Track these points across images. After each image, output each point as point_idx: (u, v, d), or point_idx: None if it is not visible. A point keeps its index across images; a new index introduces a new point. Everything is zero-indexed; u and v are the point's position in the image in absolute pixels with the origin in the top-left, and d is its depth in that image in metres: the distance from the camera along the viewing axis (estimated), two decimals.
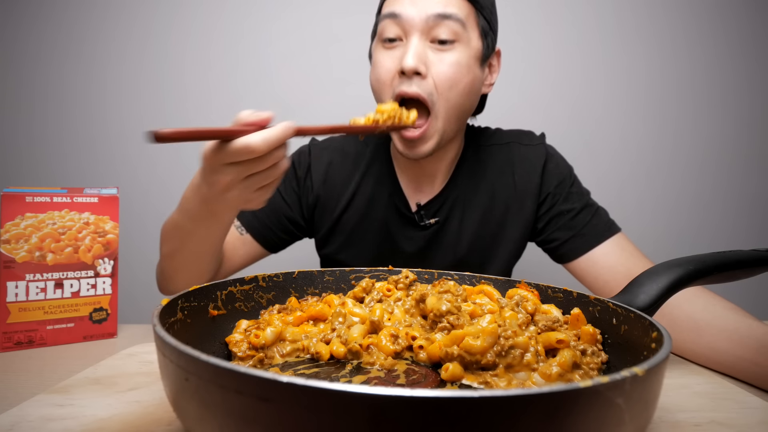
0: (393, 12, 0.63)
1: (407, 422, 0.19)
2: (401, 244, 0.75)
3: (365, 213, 0.76)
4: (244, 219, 0.74)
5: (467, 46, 0.64)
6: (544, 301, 0.46)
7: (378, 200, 0.75)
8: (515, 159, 0.75)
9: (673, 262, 0.42)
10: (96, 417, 0.33)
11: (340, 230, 0.77)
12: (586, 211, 0.72)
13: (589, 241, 0.69)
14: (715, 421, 0.35)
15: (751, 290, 1.23)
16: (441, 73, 0.63)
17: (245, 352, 0.38)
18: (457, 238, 0.74)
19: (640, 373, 0.22)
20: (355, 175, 0.77)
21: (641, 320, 0.34)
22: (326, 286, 0.51)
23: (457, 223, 0.74)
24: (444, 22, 0.62)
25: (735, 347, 0.51)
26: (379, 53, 0.66)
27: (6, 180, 1.26)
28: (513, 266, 0.78)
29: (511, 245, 0.75)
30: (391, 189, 0.75)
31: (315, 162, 0.78)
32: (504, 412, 0.19)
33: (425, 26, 0.62)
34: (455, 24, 0.62)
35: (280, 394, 0.20)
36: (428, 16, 0.62)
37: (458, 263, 0.74)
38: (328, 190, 0.77)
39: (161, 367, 0.27)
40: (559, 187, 0.73)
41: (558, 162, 0.76)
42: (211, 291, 0.41)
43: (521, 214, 0.74)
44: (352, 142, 0.79)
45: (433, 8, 0.62)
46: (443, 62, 0.63)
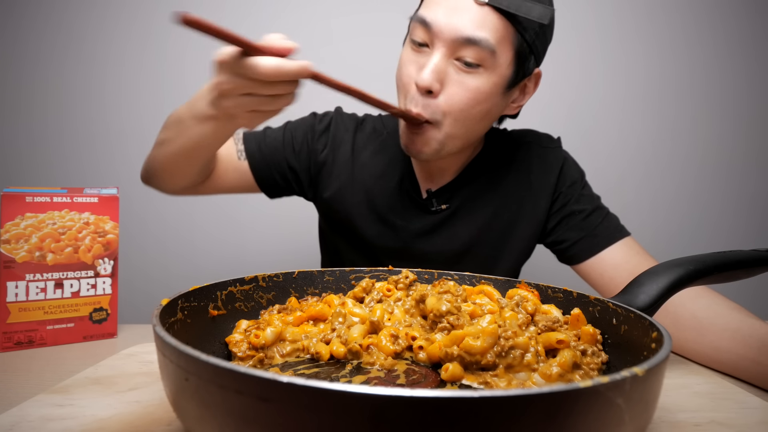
0: (425, 19, 0.59)
1: (407, 422, 0.19)
2: (408, 224, 0.74)
3: (372, 188, 0.75)
4: (248, 146, 0.74)
5: (493, 73, 0.60)
6: (544, 301, 0.46)
7: (388, 179, 0.75)
8: (533, 159, 0.75)
9: (673, 262, 0.43)
10: (96, 417, 0.33)
11: (343, 198, 0.76)
12: (597, 213, 0.72)
13: (600, 242, 0.69)
14: (715, 421, 0.35)
15: (751, 290, 1.23)
16: (455, 95, 0.59)
17: (245, 352, 0.38)
18: (466, 227, 0.74)
19: (640, 373, 0.22)
20: (368, 149, 0.77)
21: (641, 320, 0.34)
22: (326, 286, 0.51)
23: (467, 213, 0.74)
24: (472, 46, 0.57)
25: (737, 346, 0.51)
26: (406, 52, 0.64)
27: (6, 180, 1.26)
28: (522, 265, 0.78)
29: (522, 243, 0.75)
30: (403, 172, 0.75)
31: (335, 125, 0.78)
32: (504, 412, 0.19)
33: (452, 45, 0.58)
34: (483, 51, 0.57)
35: (280, 394, 0.20)
36: (457, 37, 0.57)
37: (466, 252, 0.74)
38: (341, 156, 0.76)
39: (161, 367, 0.27)
40: (572, 188, 0.74)
41: (572, 165, 0.76)
42: (211, 291, 0.41)
43: (534, 213, 0.74)
44: (370, 121, 0.80)
45: (463, 30, 0.57)
46: (462, 85, 0.59)
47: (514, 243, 0.74)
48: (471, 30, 0.57)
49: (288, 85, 0.45)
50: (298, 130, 0.77)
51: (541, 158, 0.75)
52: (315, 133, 0.77)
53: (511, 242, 0.74)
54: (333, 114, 0.79)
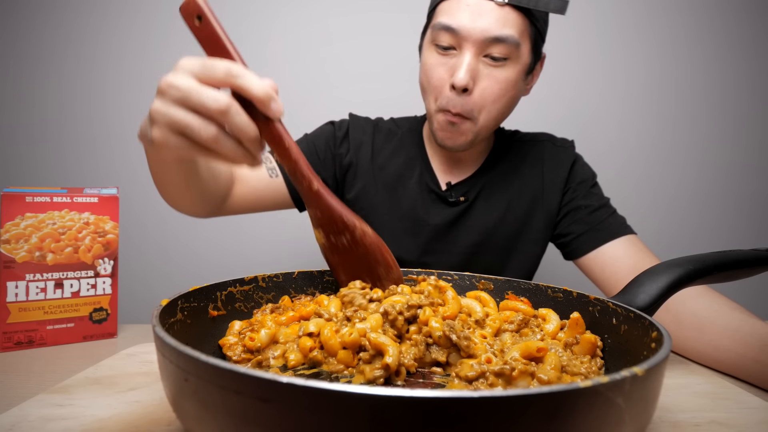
0: (450, 26, 0.64)
1: (407, 422, 0.19)
2: (428, 217, 0.77)
3: (393, 185, 0.78)
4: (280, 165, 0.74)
5: (517, 63, 0.66)
6: (544, 302, 0.46)
7: (408, 176, 0.78)
8: (546, 155, 0.79)
9: (673, 262, 0.42)
10: (96, 417, 0.33)
11: (366, 197, 0.79)
12: (604, 210, 0.75)
13: (602, 236, 0.71)
14: (715, 421, 0.35)
15: (751, 290, 1.23)
16: (488, 88, 0.65)
17: (240, 355, 0.37)
18: (483, 219, 0.77)
19: (639, 373, 0.22)
20: (387, 149, 0.80)
21: (641, 320, 0.34)
22: (326, 286, 0.51)
23: (484, 205, 0.77)
24: (499, 43, 0.63)
25: (737, 345, 0.51)
26: (431, 56, 0.68)
27: (6, 180, 1.26)
28: (538, 258, 0.80)
29: (535, 234, 0.77)
30: (422, 168, 0.78)
31: (353, 129, 0.81)
32: (504, 412, 0.19)
33: (481, 44, 0.63)
34: (510, 46, 0.63)
35: (279, 394, 0.20)
36: (486, 38, 0.62)
37: (483, 243, 0.77)
38: (363, 157, 0.79)
39: (161, 367, 0.27)
40: (581, 185, 0.77)
41: (584, 165, 0.81)
42: (211, 291, 0.41)
43: (546, 207, 0.77)
44: (384, 123, 0.83)
45: (490, 30, 0.62)
46: (493, 78, 0.65)
47: (527, 235, 0.77)
48: (497, 29, 0.62)
49: (225, 110, 0.35)
50: (319, 139, 0.79)
51: (553, 155, 0.79)
52: (336, 140, 0.80)
53: (525, 234, 0.77)
54: (349, 120, 0.82)
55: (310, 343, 0.37)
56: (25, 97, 1.27)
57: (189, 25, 0.38)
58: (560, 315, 0.43)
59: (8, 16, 1.24)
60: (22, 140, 1.27)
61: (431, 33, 0.67)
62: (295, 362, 0.37)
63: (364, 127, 0.81)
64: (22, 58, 1.26)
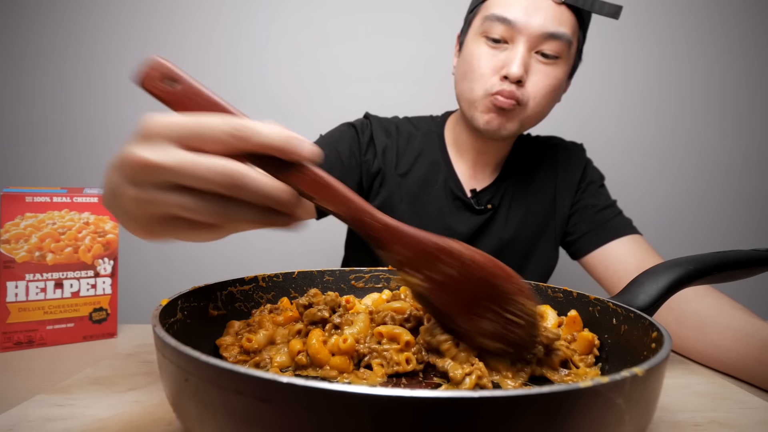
0: (506, 18, 0.64)
1: (407, 422, 0.19)
2: (455, 225, 0.76)
3: (417, 192, 0.76)
4: None
5: (566, 63, 0.67)
6: (544, 302, 0.45)
7: (431, 182, 0.77)
8: (560, 159, 0.81)
9: (673, 262, 0.43)
10: (96, 417, 0.33)
11: (392, 204, 0.76)
12: (610, 210, 0.76)
13: (608, 234, 0.72)
14: (715, 421, 0.35)
15: (751, 290, 1.23)
16: (538, 83, 0.66)
17: (236, 357, 0.37)
18: (504, 225, 0.77)
19: (640, 374, 0.22)
20: (408, 154, 0.78)
21: (641, 320, 0.34)
22: (326, 286, 0.51)
23: (505, 211, 0.77)
24: (553, 40, 0.64)
25: (739, 345, 0.51)
26: (480, 48, 0.67)
27: (6, 180, 1.26)
28: (554, 262, 0.80)
29: (552, 237, 0.78)
30: (446, 174, 0.77)
31: (376, 133, 0.77)
32: (504, 412, 0.19)
33: (535, 39, 0.64)
34: (563, 44, 0.65)
35: (279, 394, 0.20)
36: (541, 33, 0.63)
37: (503, 248, 0.77)
38: (388, 162, 0.77)
39: (161, 367, 0.27)
40: (590, 186, 0.79)
41: (594, 168, 0.82)
42: (211, 291, 0.41)
43: (560, 208, 0.78)
44: (401, 123, 0.81)
45: (547, 26, 0.63)
46: (543, 75, 0.66)
47: (545, 238, 0.78)
48: (553, 26, 0.64)
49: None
50: (342, 145, 0.74)
51: (566, 158, 0.81)
52: (361, 146, 0.76)
53: (543, 237, 0.78)
54: (370, 123, 0.79)
55: (299, 346, 0.37)
56: (25, 97, 1.27)
57: (156, 93, 0.28)
58: (560, 315, 0.43)
59: (8, 16, 1.24)
60: (22, 140, 1.27)
61: (482, 24, 0.67)
62: (286, 365, 0.37)
63: (387, 129, 0.79)
64: (22, 58, 1.26)
